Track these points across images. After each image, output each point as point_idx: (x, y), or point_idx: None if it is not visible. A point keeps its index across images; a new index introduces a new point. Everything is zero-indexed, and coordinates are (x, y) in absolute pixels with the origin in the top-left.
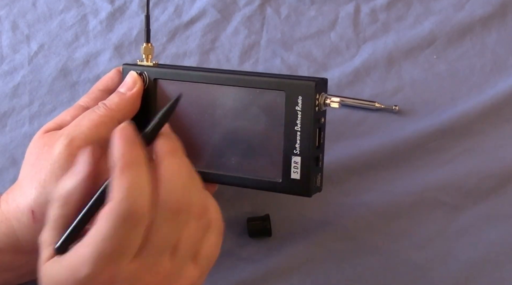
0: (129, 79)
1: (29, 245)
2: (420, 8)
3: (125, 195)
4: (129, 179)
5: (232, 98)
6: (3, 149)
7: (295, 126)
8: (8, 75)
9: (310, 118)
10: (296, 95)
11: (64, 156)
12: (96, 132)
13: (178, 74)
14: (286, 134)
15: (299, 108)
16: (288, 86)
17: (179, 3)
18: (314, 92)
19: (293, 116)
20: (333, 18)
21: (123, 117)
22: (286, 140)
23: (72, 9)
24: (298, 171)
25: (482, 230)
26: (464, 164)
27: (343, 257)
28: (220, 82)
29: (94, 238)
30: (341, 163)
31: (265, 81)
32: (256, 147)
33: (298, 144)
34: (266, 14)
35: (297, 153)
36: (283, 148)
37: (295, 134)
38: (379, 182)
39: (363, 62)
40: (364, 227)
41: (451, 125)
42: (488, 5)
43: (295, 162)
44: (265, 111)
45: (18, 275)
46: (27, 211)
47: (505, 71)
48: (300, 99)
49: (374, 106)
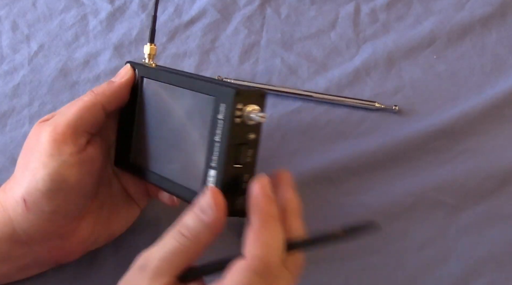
0: (122, 70)
1: (26, 235)
2: (420, 8)
3: (264, 253)
4: (267, 236)
5: (181, 100)
6: (3, 148)
7: (215, 136)
8: (8, 75)
9: (227, 130)
10: (220, 103)
11: (48, 142)
12: (80, 117)
13: (153, 74)
14: (208, 144)
15: (221, 116)
16: (216, 92)
17: (179, 3)
18: (232, 101)
19: (215, 125)
20: (333, 18)
21: (108, 103)
22: (208, 150)
23: (72, 9)
24: (214, 186)
25: (482, 230)
26: (464, 164)
27: (343, 257)
28: (174, 83)
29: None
30: (341, 162)
31: (202, 85)
32: (188, 153)
33: (216, 156)
34: (266, 14)
35: (214, 166)
36: (204, 158)
37: (214, 145)
38: (379, 182)
39: (363, 62)
40: None
41: (451, 125)
42: (488, 5)
43: (211, 175)
44: (200, 116)
45: (16, 267)
46: (20, 200)
47: (505, 71)
48: (223, 107)
49: (374, 106)
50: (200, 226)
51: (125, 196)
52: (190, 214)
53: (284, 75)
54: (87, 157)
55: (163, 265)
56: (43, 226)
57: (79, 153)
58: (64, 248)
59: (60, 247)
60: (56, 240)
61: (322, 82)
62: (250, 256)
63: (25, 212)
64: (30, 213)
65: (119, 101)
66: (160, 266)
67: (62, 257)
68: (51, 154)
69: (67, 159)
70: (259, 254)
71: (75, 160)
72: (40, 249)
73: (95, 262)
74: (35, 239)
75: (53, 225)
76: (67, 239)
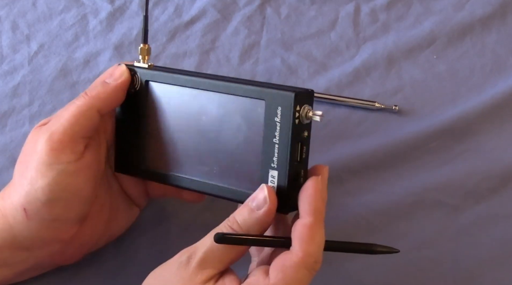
0: (117, 71)
1: (26, 241)
2: (420, 8)
3: (316, 250)
4: (320, 234)
5: (216, 105)
6: (3, 148)
7: (274, 138)
8: (8, 75)
9: (288, 131)
10: (276, 106)
11: (46, 151)
12: (76, 123)
13: (168, 77)
14: (264, 146)
15: (278, 119)
16: (268, 96)
17: (179, 3)
18: (293, 104)
19: (272, 127)
20: (333, 18)
21: (103, 106)
22: (264, 153)
23: (72, 9)
24: (275, 185)
25: (482, 230)
26: (464, 164)
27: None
28: (205, 87)
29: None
30: (341, 162)
31: (246, 89)
32: (235, 156)
33: (276, 157)
34: (266, 14)
35: (274, 167)
36: (260, 160)
37: (273, 146)
38: (379, 182)
39: (363, 62)
40: (364, 227)
41: (451, 126)
42: (488, 5)
43: (272, 175)
44: (246, 120)
45: (16, 272)
46: (20, 208)
47: (505, 71)
48: (280, 110)
49: (374, 106)
50: (253, 220)
51: (124, 197)
52: (244, 208)
53: (284, 75)
54: (85, 163)
55: (209, 257)
56: (43, 233)
57: (77, 160)
58: (65, 252)
59: (61, 252)
60: (57, 245)
61: (322, 82)
62: (305, 252)
63: (26, 220)
64: (31, 221)
65: (115, 103)
66: (206, 258)
67: (63, 260)
68: (49, 163)
69: (65, 168)
70: (312, 252)
71: (74, 168)
72: (40, 254)
73: (95, 262)
74: (36, 245)
75: (54, 231)
76: (67, 243)
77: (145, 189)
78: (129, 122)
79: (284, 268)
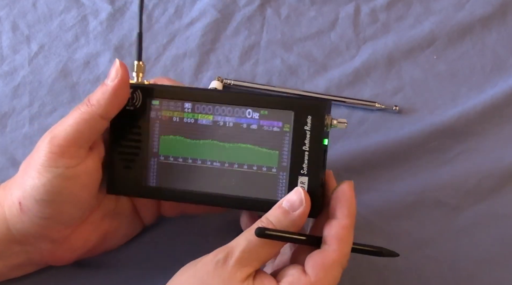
0: (112, 70)
1: (19, 235)
2: (420, 8)
3: (349, 251)
4: (352, 236)
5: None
6: (3, 149)
7: (303, 146)
8: (8, 75)
9: (319, 138)
10: (306, 115)
11: (45, 153)
12: (77, 129)
13: (178, 93)
14: (293, 154)
15: (308, 128)
16: (297, 106)
17: (180, 4)
18: (324, 113)
19: (301, 136)
20: (333, 19)
21: (106, 112)
22: (293, 160)
23: (72, 9)
24: (305, 190)
25: (482, 230)
26: (464, 164)
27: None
28: (226, 102)
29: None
30: (341, 162)
31: (273, 101)
32: (257, 167)
33: (306, 164)
34: (266, 15)
35: (304, 173)
36: (289, 167)
37: (303, 154)
38: (379, 182)
39: (363, 63)
40: (364, 227)
41: (451, 125)
42: (488, 5)
43: (301, 182)
44: (270, 131)
45: (10, 265)
46: (16, 201)
47: (505, 71)
48: (310, 119)
49: (375, 107)
50: (288, 221)
51: (131, 210)
52: (278, 210)
53: (284, 75)
54: (85, 170)
55: (247, 255)
56: (35, 229)
57: (75, 166)
58: (54, 252)
59: (51, 251)
60: (48, 244)
61: (322, 83)
62: (342, 252)
63: (20, 213)
64: (24, 215)
65: (118, 105)
66: (244, 256)
67: (53, 260)
68: (47, 165)
69: (62, 172)
70: (347, 252)
71: (71, 173)
72: (32, 250)
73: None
74: (28, 240)
75: (45, 229)
76: (59, 244)
77: (157, 207)
78: (130, 138)
79: (324, 267)
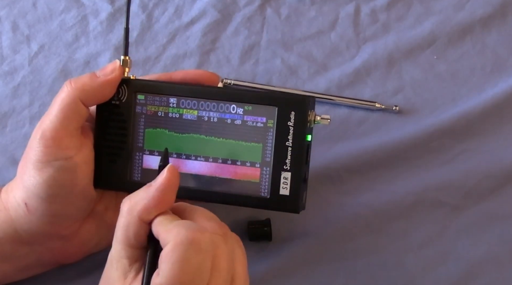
0: (109, 66)
1: (27, 236)
2: (420, 8)
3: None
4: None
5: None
6: (3, 149)
7: (286, 141)
8: (9, 75)
9: (303, 134)
10: (289, 111)
11: (41, 149)
12: (64, 116)
13: (163, 88)
14: (276, 150)
15: (291, 123)
16: (281, 102)
17: (179, 3)
18: (307, 109)
19: (284, 131)
20: (333, 18)
21: (87, 98)
22: (276, 156)
23: (72, 9)
24: (288, 187)
25: (482, 230)
26: (464, 164)
27: (343, 257)
28: (211, 97)
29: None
30: (341, 162)
31: (257, 97)
32: (239, 162)
33: (289, 159)
34: (266, 15)
35: (287, 169)
36: (272, 163)
37: (286, 149)
38: (379, 182)
39: (363, 63)
40: (364, 227)
41: (451, 125)
42: (488, 5)
43: (284, 177)
44: (254, 126)
45: (17, 267)
46: (22, 202)
47: (505, 71)
48: (293, 115)
49: (375, 107)
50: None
51: None
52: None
53: (285, 75)
54: (83, 159)
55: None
56: (44, 228)
57: (73, 156)
58: (65, 249)
59: (61, 248)
60: (58, 241)
61: (323, 83)
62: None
63: (27, 214)
64: (32, 215)
65: (99, 98)
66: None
67: (64, 258)
68: (46, 160)
69: (61, 164)
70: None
71: (70, 164)
72: (41, 250)
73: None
74: (37, 240)
75: (54, 226)
76: (68, 240)
77: None
78: (110, 138)
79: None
